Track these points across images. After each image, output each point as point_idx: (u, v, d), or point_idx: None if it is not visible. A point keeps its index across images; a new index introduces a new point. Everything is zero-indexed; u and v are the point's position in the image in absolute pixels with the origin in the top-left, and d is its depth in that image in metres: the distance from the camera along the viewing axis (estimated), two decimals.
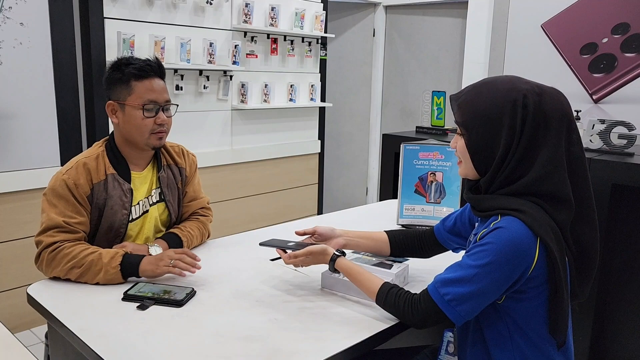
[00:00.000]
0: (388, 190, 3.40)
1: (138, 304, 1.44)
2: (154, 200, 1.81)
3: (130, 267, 1.57)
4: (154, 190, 1.81)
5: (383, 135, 3.43)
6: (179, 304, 1.44)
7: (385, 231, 1.69)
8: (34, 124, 2.93)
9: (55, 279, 1.60)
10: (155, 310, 1.42)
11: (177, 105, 1.80)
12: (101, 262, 1.55)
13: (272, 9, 3.89)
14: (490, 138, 1.23)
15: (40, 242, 1.60)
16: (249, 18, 3.76)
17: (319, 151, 4.55)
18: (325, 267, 1.64)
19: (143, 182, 1.79)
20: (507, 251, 1.16)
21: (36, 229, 1.65)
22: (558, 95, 1.24)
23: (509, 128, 1.21)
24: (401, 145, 2.11)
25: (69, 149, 3.10)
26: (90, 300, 1.47)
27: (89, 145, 3.26)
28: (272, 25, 3.91)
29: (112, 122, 1.73)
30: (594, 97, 3.84)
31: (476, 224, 1.40)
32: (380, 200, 3.54)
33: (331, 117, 5.14)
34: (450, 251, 1.64)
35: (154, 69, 1.69)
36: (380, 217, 2.35)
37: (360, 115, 5.23)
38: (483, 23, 4.35)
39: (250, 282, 1.61)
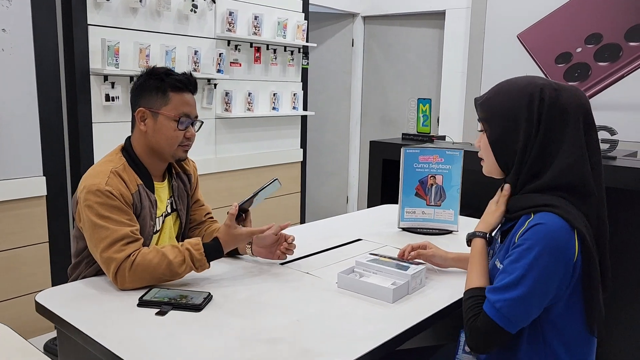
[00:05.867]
0: (376, 197, 3.43)
1: (156, 309, 1.41)
2: (169, 211, 1.78)
3: (213, 251, 1.58)
4: (167, 201, 1.78)
5: (370, 142, 3.46)
6: (197, 308, 1.42)
7: None
8: (16, 133, 2.84)
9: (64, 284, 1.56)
10: (174, 315, 1.39)
11: (202, 122, 1.77)
12: (186, 262, 1.53)
13: (255, 17, 3.90)
14: (510, 131, 1.27)
15: (111, 260, 1.50)
16: (233, 27, 3.75)
17: (302, 160, 4.55)
18: (341, 267, 1.65)
19: (164, 192, 1.76)
20: (548, 244, 1.17)
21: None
22: (576, 91, 1.28)
23: (526, 121, 1.25)
24: (401, 149, 2.14)
25: (51, 158, 3.02)
26: (105, 307, 1.44)
27: (72, 154, 3.19)
28: (255, 34, 3.91)
29: (139, 129, 1.68)
30: None
31: (504, 222, 1.42)
32: (366, 207, 3.56)
33: (312, 126, 5.16)
34: None
35: (192, 83, 1.68)
36: (379, 221, 2.36)
37: (341, 124, 5.27)
38: (460, 33, 4.46)
39: (265, 285, 1.60)
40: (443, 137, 3.73)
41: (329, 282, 1.64)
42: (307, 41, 4.33)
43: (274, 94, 4.15)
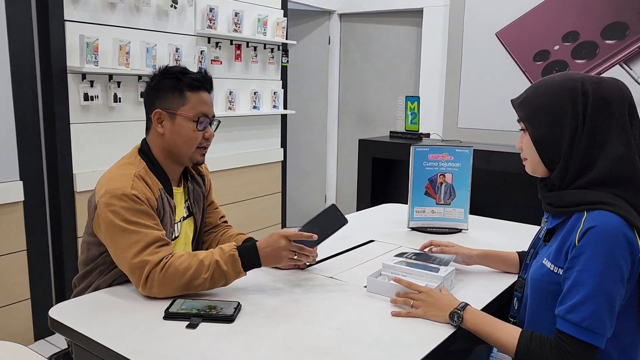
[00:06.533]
0: (366, 196, 3.40)
1: (185, 322, 1.32)
2: (185, 215, 1.70)
3: (251, 263, 1.48)
4: (184, 204, 1.71)
5: (359, 140, 3.43)
6: (229, 319, 1.34)
7: (517, 252, 1.68)
8: None
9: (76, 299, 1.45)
10: (205, 327, 1.31)
11: (219, 122, 1.69)
12: (220, 269, 1.44)
13: (236, 14, 3.80)
14: (554, 129, 1.25)
15: (144, 263, 1.40)
16: (214, 23, 3.65)
17: (282, 159, 4.48)
18: (370, 270, 1.60)
19: (181, 197, 1.68)
20: (613, 245, 1.14)
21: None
22: (616, 82, 1.26)
23: (571, 116, 1.22)
24: (411, 148, 2.10)
25: (28, 161, 2.85)
26: (128, 321, 1.34)
27: (49, 157, 3.02)
28: (235, 31, 3.81)
29: (156, 131, 1.60)
30: None
31: (545, 220, 1.39)
32: (355, 207, 3.53)
33: (288, 125, 5.08)
34: None
35: (208, 81, 1.61)
36: (385, 221, 2.33)
37: (318, 123, 5.21)
38: (439, 31, 4.47)
39: (292, 291, 1.53)
40: (427, 135, 3.73)
41: (356, 285, 1.58)
42: (286, 38, 4.26)
43: (255, 93, 4.07)
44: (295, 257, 1.49)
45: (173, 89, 1.56)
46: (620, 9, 3.71)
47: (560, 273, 1.24)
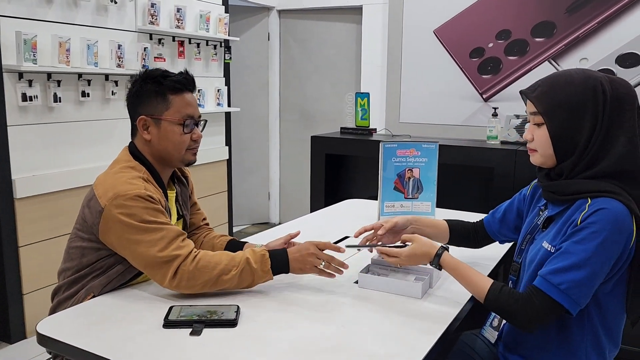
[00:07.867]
0: (319, 192, 3.42)
1: (187, 329, 1.29)
2: (176, 218, 1.65)
3: (280, 266, 1.49)
4: (175, 207, 1.67)
5: (312, 137, 3.44)
6: (232, 323, 1.32)
7: (445, 220, 1.76)
8: None
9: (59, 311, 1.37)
10: (208, 333, 1.28)
11: (206, 121, 1.66)
12: (250, 266, 1.44)
13: (178, 10, 3.70)
14: (574, 124, 1.30)
15: (174, 257, 1.40)
16: (156, 19, 3.53)
17: (227, 158, 4.41)
18: (356, 266, 1.63)
19: (172, 200, 1.66)
20: (614, 229, 1.22)
21: None
22: (625, 82, 1.34)
23: (592, 114, 1.28)
24: (380, 144, 2.15)
25: None
26: (126, 332, 1.28)
27: None
28: (178, 27, 3.71)
29: (142, 138, 1.56)
30: (484, 96, 4.24)
31: (543, 208, 1.45)
32: (311, 209, 3.54)
33: (232, 123, 5.01)
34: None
35: (190, 81, 1.58)
36: (353, 217, 2.36)
37: (260, 120, 5.17)
38: (378, 28, 4.57)
39: (286, 291, 1.53)
40: (374, 130, 3.81)
41: (347, 282, 1.60)
42: (229, 35, 4.20)
43: (199, 90, 3.98)
44: (322, 267, 1.50)
45: (155, 93, 1.53)
46: (549, 9, 3.95)
47: None
